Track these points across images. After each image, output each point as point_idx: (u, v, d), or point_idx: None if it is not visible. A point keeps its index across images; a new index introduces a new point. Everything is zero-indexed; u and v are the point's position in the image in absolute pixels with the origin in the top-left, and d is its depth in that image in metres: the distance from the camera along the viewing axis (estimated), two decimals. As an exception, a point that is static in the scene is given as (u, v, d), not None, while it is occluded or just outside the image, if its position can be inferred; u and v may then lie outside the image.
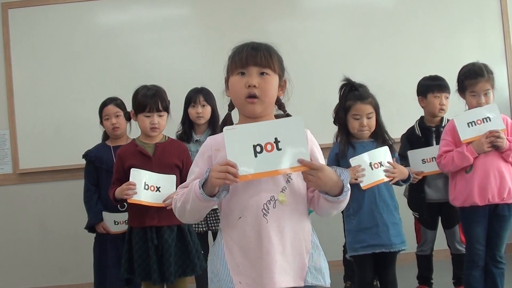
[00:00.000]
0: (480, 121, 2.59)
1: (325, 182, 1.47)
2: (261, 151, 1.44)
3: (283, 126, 1.47)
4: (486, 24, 4.05)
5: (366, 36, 4.02)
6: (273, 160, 1.44)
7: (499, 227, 2.65)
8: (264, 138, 1.45)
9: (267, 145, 1.45)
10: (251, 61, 1.55)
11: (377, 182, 2.45)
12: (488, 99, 2.65)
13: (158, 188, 2.43)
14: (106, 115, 3.06)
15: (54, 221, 3.98)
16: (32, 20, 3.98)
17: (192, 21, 4.08)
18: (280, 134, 1.45)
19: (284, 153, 1.44)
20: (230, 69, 1.60)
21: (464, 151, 2.59)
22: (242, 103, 1.57)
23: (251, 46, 1.59)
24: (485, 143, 2.55)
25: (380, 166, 2.45)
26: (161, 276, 2.45)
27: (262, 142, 1.45)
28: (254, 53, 1.56)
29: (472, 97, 2.68)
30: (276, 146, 1.45)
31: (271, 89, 1.57)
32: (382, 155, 2.48)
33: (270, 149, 1.44)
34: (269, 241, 1.51)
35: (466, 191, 2.63)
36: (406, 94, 3.77)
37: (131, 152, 2.54)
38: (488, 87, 2.65)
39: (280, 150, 1.44)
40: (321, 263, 1.59)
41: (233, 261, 1.55)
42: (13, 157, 3.96)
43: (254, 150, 1.45)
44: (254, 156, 1.44)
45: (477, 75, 2.65)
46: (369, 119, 2.52)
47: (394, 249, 2.46)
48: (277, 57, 1.61)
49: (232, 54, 1.61)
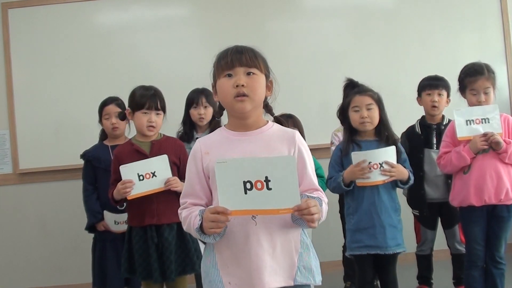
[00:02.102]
0: (478, 121, 2.59)
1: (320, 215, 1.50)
2: (251, 189, 1.42)
3: (274, 164, 1.43)
4: (486, 24, 4.05)
5: (366, 36, 4.02)
6: (263, 199, 1.42)
7: (498, 228, 2.65)
8: (255, 175, 1.42)
9: (257, 183, 1.42)
10: (237, 62, 1.56)
11: (374, 183, 2.43)
12: (488, 98, 2.65)
13: (154, 173, 2.42)
14: (107, 114, 3.05)
15: (54, 221, 3.98)
16: (32, 20, 3.98)
17: (192, 21, 4.08)
18: (271, 173, 1.42)
19: (274, 193, 1.42)
20: (217, 73, 1.62)
21: (461, 151, 2.59)
22: (231, 103, 1.58)
23: (235, 49, 1.60)
24: (479, 141, 2.55)
25: (379, 167, 2.42)
26: (162, 275, 2.45)
27: (252, 179, 1.42)
28: (239, 55, 1.57)
29: (472, 95, 2.68)
30: (266, 185, 1.42)
31: (259, 87, 1.58)
32: (386, 156, 2.43)
33: (260, 187, 1.42)
34: (258, 243, 1.53)
35: (463, 192, 2.64)
36: (406, 94, 3.77)
37: (127, 151, 2.54)
38: (488, 85, 2.65)
39: (270, 190, 1.42)
40: (311, 262, 1.60)
41: (222, 261, 1.57)
42: (13, 157, 3.96)
43: (244, 187, 1.43)
44: (244, 193, 1.43)
45: (476, 73, 2.66)
46: (369, 111, 2.50)
47: (389, 252, 2.45)
48: (262, 58, 1.63)
49: (217, 59, 1.63)
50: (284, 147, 1.59)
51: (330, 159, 2.65)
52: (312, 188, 1.62)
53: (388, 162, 2.43)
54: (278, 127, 1.66)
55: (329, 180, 2.57)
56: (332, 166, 2.60)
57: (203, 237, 1.52)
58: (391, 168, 2.43)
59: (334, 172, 2.57)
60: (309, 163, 1.63)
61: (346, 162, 2.53)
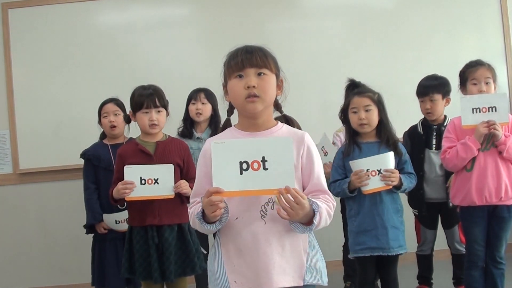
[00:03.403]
0: (485, 109, 2.53)
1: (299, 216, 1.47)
2: (247, 169, 1.44)
3: (271, 145, 1.46)
4: (486, 24, 4.05)
5: (366, 36, 4.02)
6: (259, 179, 1.44)
7: (499, 228, 2.65)
8: (252, 156, 1.44)
9: (254, 163, 1.44)
10: (247, 63, 1.56)
11: (378, 189, 2.42)
12: (489, 88, 2.65)
13: (156, 180, 2.41)
14: (105, 112, 3.06)
15: (54, 221, 3.98)
16: (32, 20, 3.98)
17: (192, 21, 4.08)
18: (268, 153, 1.44)
19: (270, 173, 1.43)
20: (228, 74, 1.61)
21: (467, 141, 2.56)
22: (242, 104, 1.58)
23: (245, 49, 1.60)
24: (481, 127, 2.52)
25: (378, 174, 2.39)
26: (162, 275, 2.45)
27: (249, 159, 1.44)
28: (249, 55, 1.57)
29: (473, 85, 2.68)
30: (262, 165, 1.44)
31: (270, 88, 1.59)
32: (383, 162, 2.41)
33: (256, 167, 1.44)
34: (266, 242, 1.53)
35: (465, 190, 2.63)
36: (406, 94, 3.77)
37: (131, 151, 2.54)
38: (488, 75, 2.66)
39: (266, 170, 1.44)
40: (319, 262, 1.61)
41: (229, 260, 1.57)
42: (13, 157, 3.96)
43: (240, 167, 1.44)
44: (239, 173, 1.44)
45: (477, 64, 2.69)
46: (368, 112, 2.49)
47: (391, 253, 2.46)
48: (272, 57, 1.62)
49: (227, 59, 1.62)
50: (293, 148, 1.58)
51: (333, 162, 2.65)
52: (319, 189, 1.60)
53: (387, 169, 2.40)
54: (287, 128, 1.66)
55: (333, 184, 2.53)
56: (335, 169, 2.58)
57: (204, 225, 1.52)
58: (390, 174, 2.40)
59: (337, 175, 2.56)
60: (318, 164, 1.61)
61: (348, 165, 2.52)
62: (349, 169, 2.50)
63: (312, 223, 1.50)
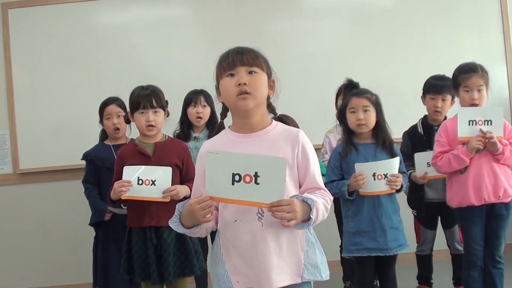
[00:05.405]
0: (481, 122, 2.56)
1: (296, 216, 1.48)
2: (239, 181, 1.45)
3: (266, 163, 1.46)
4: (486, 24, 4.05)
5: (366, 36, 4.01)
6: (249, 192, 1.45)
7: (497, 226, 2.64)
8: (245, 169, 1.45)
9: (246, 176, 1.45)
10: (238, 62, 1.58)
11: (377, 192, 2.44)
12: (481, 96, 2.65)
13: (153, 181, 2.40)
14: (108, 114, 3.05)
15: (54, 221, 3.98)
16: (32, 20, 3.98)
17: (192, 21, 4.08)
18: (261, 169, 1.45)
19: (261, 188, 1.44)
20: (219, 74, 1.64)
21: (460, 154, 2.57)
22: (234, 101, 1.59)
23: (236, 50, 1.63)
24: (475, 140, 2.54)
25: (384, 178, 2.42)
26: (160, 276, 2.45)
27: (241, 172, 1.45)
28: (240, 55, 1.60)
29: (465, 92, 2.68)
30: (254, 180, 1.45)
31: (261, 85, 1.61)
32: (390, 167, 2.44)
33: (248, 180, 1.45)
34: (264, 244, 1.55)
35: (462, 192, 2.63)
36: (406, 94, 3.78)
37: (130, 152, 2.54)
38: (481, 83, 2.65)
39: (258, 184, 1.45)
40: (317, 259, 1.63)
41: (230, 261, 1.60)
42: (13, 157, 3.96)
43: (233, 178, 1.46)
44: (231, 184, 1.46)
45: (470, 71, 2.67)
46: (366, 113, 2.49)
47: (390, 253, 2.47)
48: (263, 58, 1.65)
49: (219, 61, 1.65)
50: (288, 147, 1.61)
51: (329, 162, 2.65)
52: (314, 187, 1.62)
53: (393, 174, 2.43)
54: (282, 126, 1.67)
55: (329, 183, 2.53)
56: (332, 169, 2.58)
57: (189, 231, 1.57)
58: (396, 179, 2.43)
59: (333, 176, 2.56)
60: (313, 161, 1.63)
61: (345, 166, 2.53)
62: (346, 170, 2.51)
63: (309, 218, 1.51)
